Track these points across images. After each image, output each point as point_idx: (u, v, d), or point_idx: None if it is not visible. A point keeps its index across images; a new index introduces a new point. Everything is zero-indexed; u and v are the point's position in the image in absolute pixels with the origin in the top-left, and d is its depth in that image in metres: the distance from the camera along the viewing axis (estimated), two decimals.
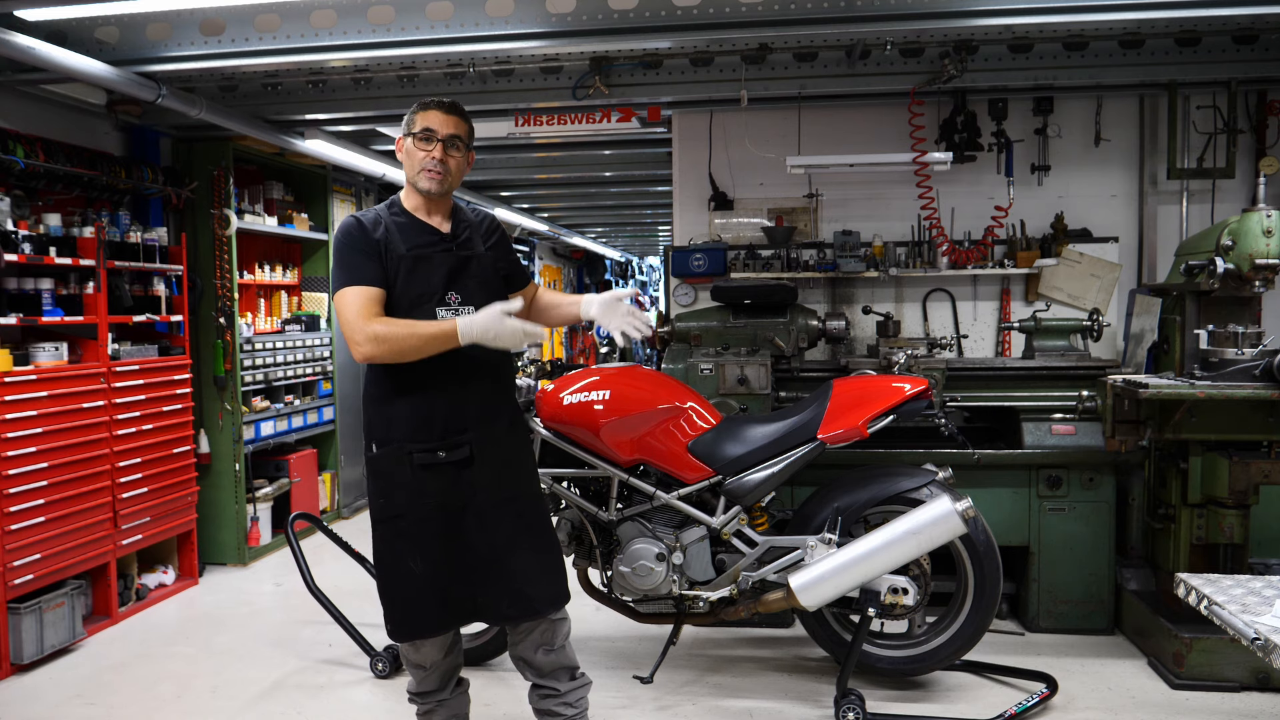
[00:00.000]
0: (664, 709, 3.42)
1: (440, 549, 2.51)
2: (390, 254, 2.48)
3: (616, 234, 14.16)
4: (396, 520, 2.52)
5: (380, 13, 3.82)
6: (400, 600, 2.56)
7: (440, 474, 2.50)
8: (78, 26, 3.94)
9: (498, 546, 2.55)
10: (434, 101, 2.56)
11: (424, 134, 2.52)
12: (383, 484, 2.54)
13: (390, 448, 2.51)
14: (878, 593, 3.19)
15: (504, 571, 2.55)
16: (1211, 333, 3.57)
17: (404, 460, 2.49)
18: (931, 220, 4.95)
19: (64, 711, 3.51)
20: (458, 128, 2.55)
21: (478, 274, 2.59)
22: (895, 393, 3.27)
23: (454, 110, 2.56)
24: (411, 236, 2.52)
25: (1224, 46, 4.28)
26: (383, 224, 2.51)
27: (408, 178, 2.58)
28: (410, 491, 2.49)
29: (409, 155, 2.55)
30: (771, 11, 3.68)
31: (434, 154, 2.51)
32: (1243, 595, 2.11)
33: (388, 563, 2.57)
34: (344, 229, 2.52)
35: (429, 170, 2.51)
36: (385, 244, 2.48)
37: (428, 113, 2.54)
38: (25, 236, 3.98)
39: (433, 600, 2.53)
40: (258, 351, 5.54)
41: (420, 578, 2.51)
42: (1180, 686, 3.47)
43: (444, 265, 2.53)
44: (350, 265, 2.45)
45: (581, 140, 6.00)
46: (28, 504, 3.89)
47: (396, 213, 2.57)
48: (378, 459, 2.54)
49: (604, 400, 3.29)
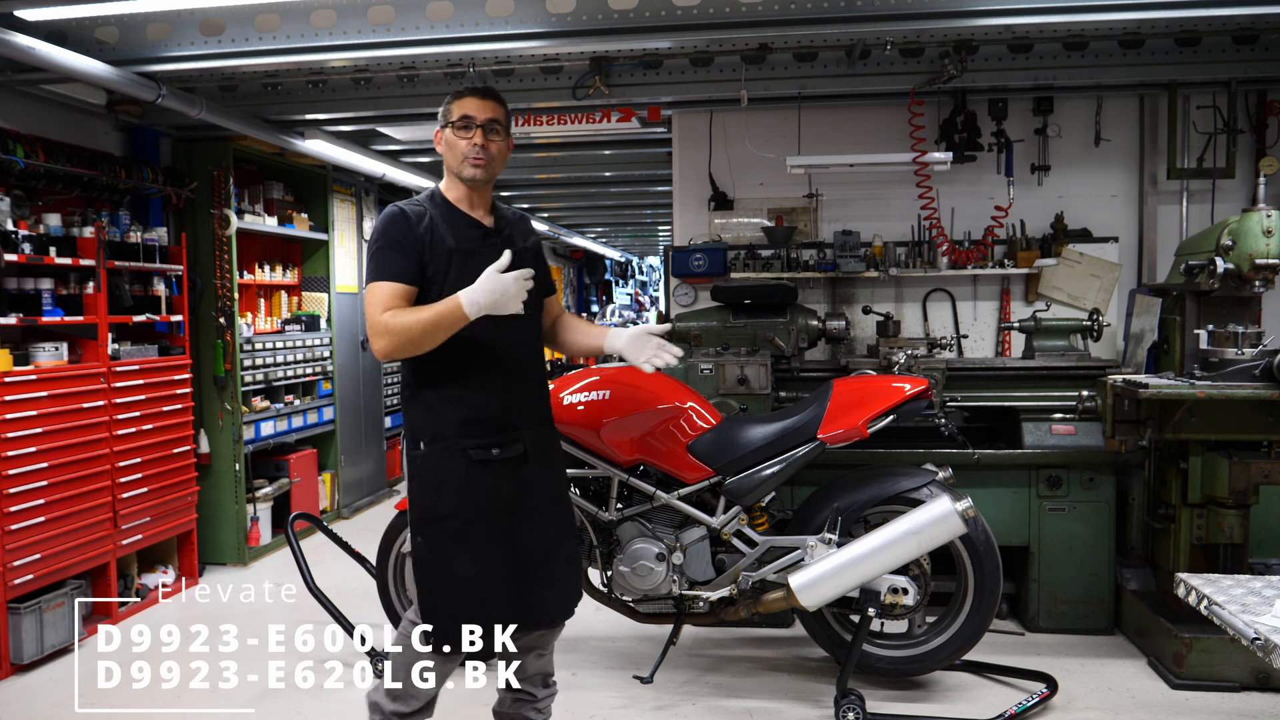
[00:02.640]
0: (664, 709, 3.42)
1: (493, 550, 2.42)
2: (436, 249, 2.39)
3: (616, 234, 14.16)
4: (447, 520, 2.40)
5: (380, 13, 3.82)
6: (447, 608, 2.42)
7: (494, 471, 2.42)
8: (78, 26, 3.94)
9: (549, 546, 2.50)
10: (469, 88, 2.50)
11: (463, 122, 2.45)
12: (432, 483, 2.42)
13: (442, 444, 2.40)
14: (878, 593, 3.19)
15: (552, 572, 2.51)
16: (1211, 333, 3.58)
17: (458, 457, 2.39)
18: (931, 220, 4.95)
19: (64, 711, 3.51)
20: (495, 112, 2.48)
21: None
22: (895, 393, 3.27)
23: (490, 95, 2.50)
24: (459, 230, 2.44)
25: (1224, 46, 4.28)
26: (427, 216, 2.42)
27: (450, 169, 2.50)
28: (463, 490, 2.40)
29: (450, 146, 2.47)
30: (771, 11, 3.67)
31: (475, 140, 2.44)
32: (1243, 595, 2.11)
33: (435, 567, 2.43)
34: (386, 219, 2.43)
35: (472, 158, 2.43)
36: (429, 238, 2.39)
37: (464, 100, 2.47)
38: (25, 236, 3.98)
39: (483, 607, 2.41)
40: (258, 351, 5.54)
41: (471, 582, 2.40)
42: (1180, 686, 3.47)
43: (493, 261, 2.41)
44: (383, 258, 2.37)
45: (581, 140, 6.00)
46: (28, 504, 3.89)
47: (440, 204, 2.48)
48: (427, 456, 2.42)
49: (604, 400, 3.29)
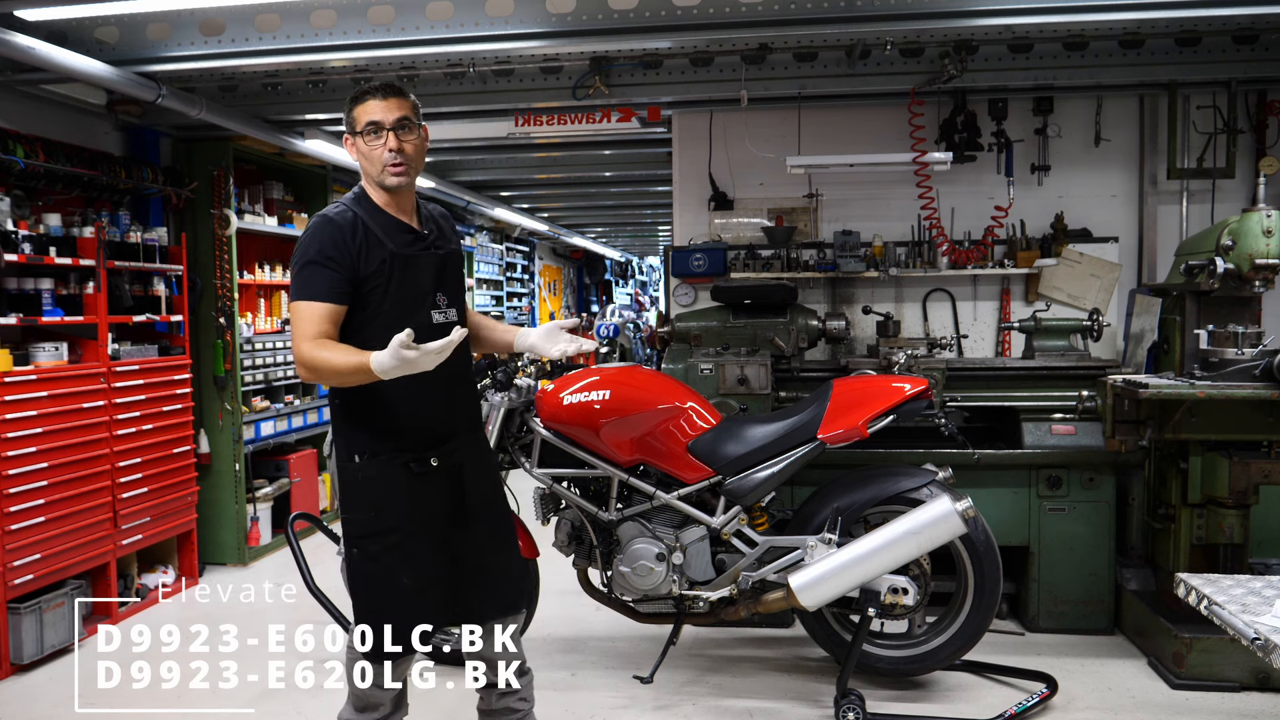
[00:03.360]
0: (664, 709, 3.42)
1: (432, 559, 2.41)
2: (371, 256, 2.29)
3: (616, 234, 14.17)
4: (388, 534, 2.36)
5: (380, 13, 3.82)
6: (389, 618, 2.38)
7: (433, 482, 2.40)
8: (78, 26, 3.94)
9: (482, 549, 2.52)
10: (366, 89, 2.35)
11: (371, 128, 2.32)
12: (372, 496, 2.36)
13: (380, 457, 2.35)
14: (878, 593, 3.19)
15: (489, 573, 2.54)
16: (1211, 333, 3.57)
17: (398, 470, 2.35)
18: (931, 220, 4.95)
19: (64, 711, 3.51)
20: (402, 109, 2.34)
21: (454, 274, 2.52)
22: (895, 393, 3.27)
23: (391, 92, 2.34)
24: (394, 236, 2.35)
25: (1224, 46, 4.28)
26: (360, 224, 2.31)
27: (370, 177, 2.38)
28: (403, 503, 2.36)
29: (364, 155, 2.35)
30: (771, 11, 3.67)
31: (389, 146, 2.31)
32: (1243, 595, 2.11)
33: (376, 580, 2.39)
34: (314, 231, 2.29)
35: (390, 166, 2.32)
36: (364, 246, 2.29)
37: (366, 104, 2.33)
38: (25, 236, 3.98)
39: (420, 614, 2.41)
40: (258, 351, 5.54)
41: (411, 592, 2.39)
42: (1180, 686, 3.47)
43: (430, 266, 2.41)
44: (311, 275, 2.26)
45: (581, 140, 5.99)
46: (28, 504, 3.89)
47: (367, 208, 2.37)
48: (364, 469, 2.36)
49: (604, 400, 3.29)
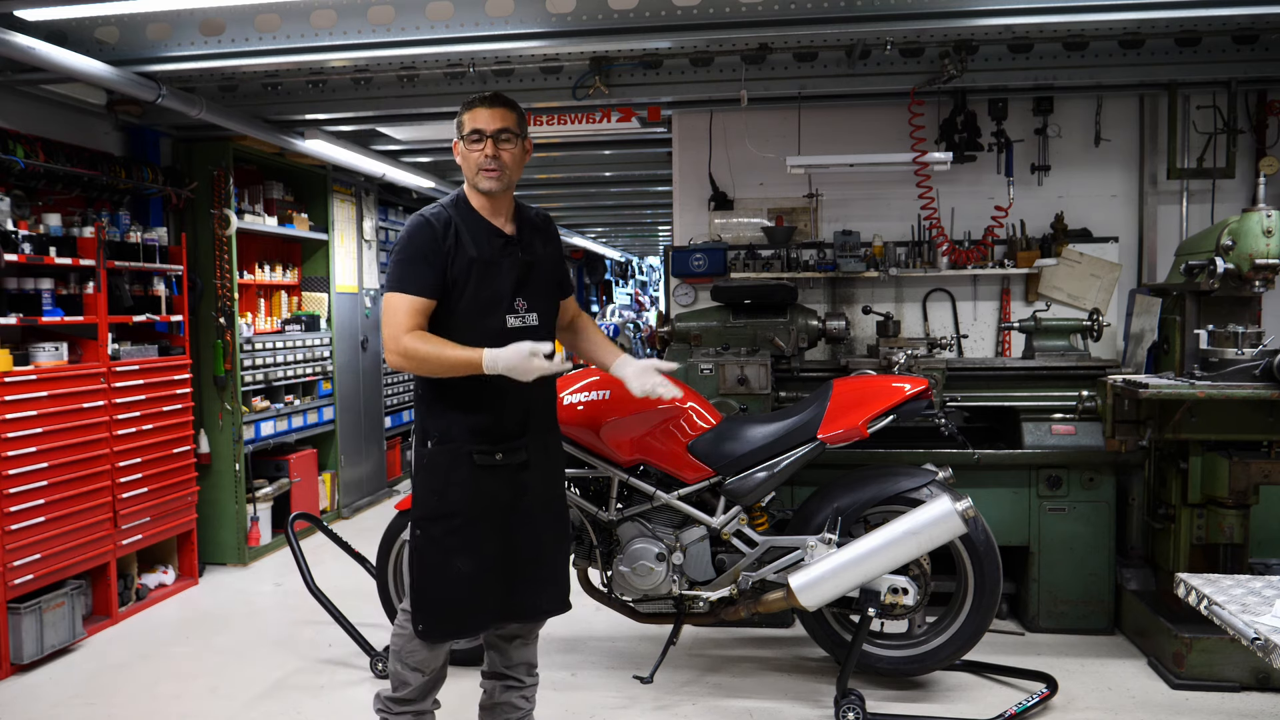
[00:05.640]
0: (664, 709, 3.42)
1: (489, 548, 2.53)
2: (459, 258, 2.46)
3: (616, 234, 14.15)
4: (449, 518, 2.50)
5: (380, 13, 3.82)
6: (439, 600, 2.53)
7: (497, 475, 2.52)
8: (78, 26, 3.94)
9: (540, 545, 2.62)
10: (477, 99, 2.53)
11: (474, 135, 2.50)
12: (437, 481, 2.52)
13: (449, 445, 2.51)
14: (878, 593, 3.19)
15: (543, 569, 2.63)
16: (1211, 333, 3.58)
17: (463, 459, 2.49)
18: (931, 220, 4.95)
19: (64, 711, 3.51)
20: (505, 120, 2.51)
21: (541, 279, 2.62)
22: (895, 393, 3.27)
23: (498, 102, 2.53)
24: (480, 239, 2.51)
25: (1224, 46, 4.28)
26: (453, 226, 2.48)
27: (468, 179, 2.56)
28: (466, 490, 2.50)
29: (464, 158, 2.53)
30: (771, 11, 3.67)
31: (486, 152, 2.48)
32: (1243, 595, 2.11)
33: (432, 561, 2.53)
34: (412, 229, 2.49)
35: (486, 170, 2.49)
36: (454, 249, 2.46)
37: (473, 111, 2.52)
38: (25, 236, 3.98)
39: (474, 600, 2.53)
40: (258, 351, 5.54)
41: (465, 578, 2.51)
42: (1180, 686, 3.47)
43: (512, 272, 2.53)
44: (406, 271, 2.45)
45: (581, 140, 6.00)
46: (28, 504, 3.89)
47: (463, 210, 2.54)
48: (434, 454, 2.52)
49: (604, 400, 3.29)
